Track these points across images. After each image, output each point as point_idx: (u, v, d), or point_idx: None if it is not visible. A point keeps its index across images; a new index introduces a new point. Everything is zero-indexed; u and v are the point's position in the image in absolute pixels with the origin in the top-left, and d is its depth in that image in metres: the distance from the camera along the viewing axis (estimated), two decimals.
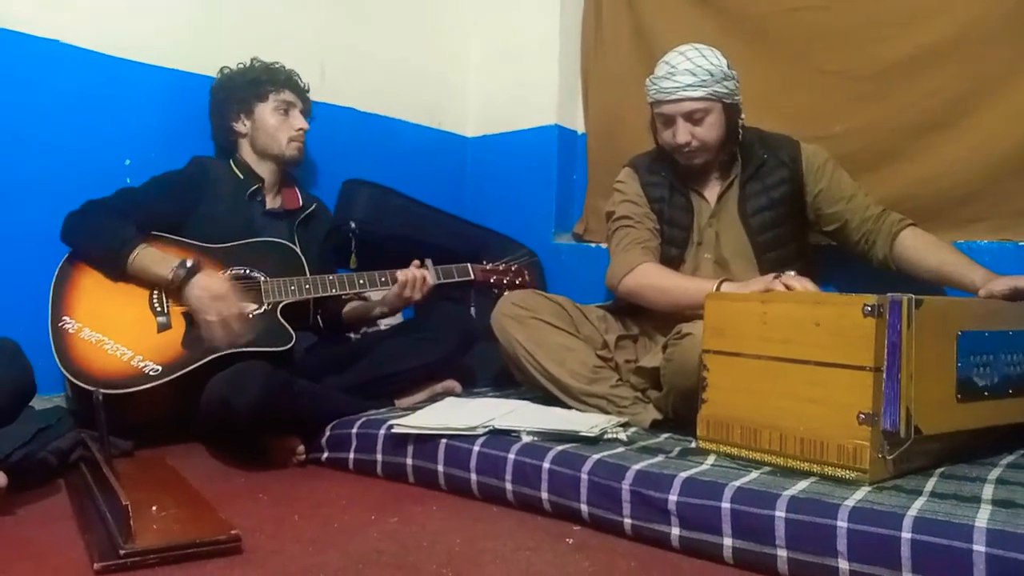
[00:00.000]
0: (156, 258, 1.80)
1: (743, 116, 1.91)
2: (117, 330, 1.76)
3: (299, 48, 2.34)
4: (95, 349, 1.72)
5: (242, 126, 2.11)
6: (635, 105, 2.56)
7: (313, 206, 2.19)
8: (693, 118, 1.82)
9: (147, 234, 1.85)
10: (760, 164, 1.90)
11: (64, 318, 1.74)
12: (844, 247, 1.94)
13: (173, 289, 1.79)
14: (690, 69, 1.79)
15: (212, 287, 1.77)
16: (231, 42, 2.22)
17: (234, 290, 1.80)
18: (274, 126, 2.10)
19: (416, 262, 2.04)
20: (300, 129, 2.13)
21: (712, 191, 1.94)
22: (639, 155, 2.07)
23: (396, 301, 2.04)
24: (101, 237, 1.80)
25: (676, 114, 1.83)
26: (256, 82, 2.11)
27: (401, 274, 1.99)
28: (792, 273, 1.56)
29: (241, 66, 2.15)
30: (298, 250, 2.03)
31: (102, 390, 1.48)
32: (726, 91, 1.82)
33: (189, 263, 1.78)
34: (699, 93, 1.79)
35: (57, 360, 1.68)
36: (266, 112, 2.10)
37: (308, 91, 2.23)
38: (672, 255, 1.92)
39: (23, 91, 1.91)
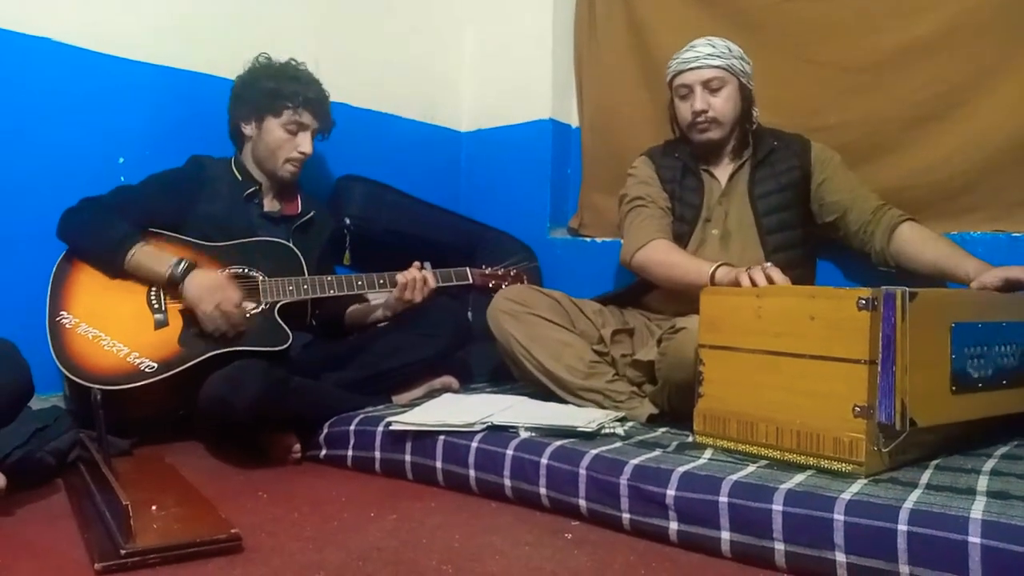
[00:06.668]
0: (153, 256, 1.80)
1: (756, 111, 1.98)
2: (114, 326, 1.76)
3: (293, 43, 2.32)
4: (92, 345, 1.72)
5: (249, 130, 2.06)
6: (629, 99, 2.56)
7: (312, 212, 2.15)
8: (711, 87, 1.91)
9: (144, 232, 1.85)
10: (771, 150, 1.96)
11: (62, 313, 1.74)
12: (844, 240, 1.96)
13: (170, 287, 1.79)
14: (709, 43, 1.92)
15: (208, 281, 1.78)
16: (225, 38, 2.21)
17: (231, 284, 1.80)
18: (276, 143, 2.03)
19: (416, 264, 2.03)
20: (303, 153, 2.05)
21: (724, 172, 2.00)
22: (654, 146, 2.14)
23: (397, 304, 2.03)
24: (98, 235, 1.80)
25: (695, 82, 1.92)
26: (275, 94, 2.02)
27: (401, 276, 1.98)
28: (768, 264, 1.59)
29: (277, 64, 2.07)
30: (297, 251, 2.01)
31: (99, 387, 1.48)
32: (741, 69, 1.92)
33: (186, 261, 1.78)
34: (717, 62, 1.90)
35: (54, 355, 1.68)
36: (274, 126, 2.03)
37: (329, 108, 2.13)
38: (682, 231, 1.98)
39: (15, 90, 1.90)
